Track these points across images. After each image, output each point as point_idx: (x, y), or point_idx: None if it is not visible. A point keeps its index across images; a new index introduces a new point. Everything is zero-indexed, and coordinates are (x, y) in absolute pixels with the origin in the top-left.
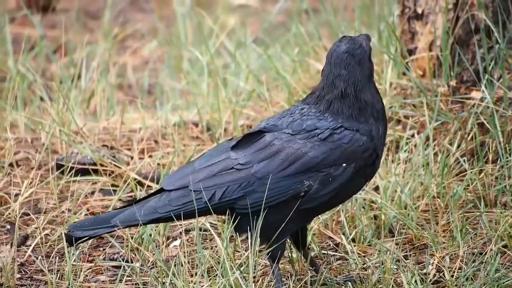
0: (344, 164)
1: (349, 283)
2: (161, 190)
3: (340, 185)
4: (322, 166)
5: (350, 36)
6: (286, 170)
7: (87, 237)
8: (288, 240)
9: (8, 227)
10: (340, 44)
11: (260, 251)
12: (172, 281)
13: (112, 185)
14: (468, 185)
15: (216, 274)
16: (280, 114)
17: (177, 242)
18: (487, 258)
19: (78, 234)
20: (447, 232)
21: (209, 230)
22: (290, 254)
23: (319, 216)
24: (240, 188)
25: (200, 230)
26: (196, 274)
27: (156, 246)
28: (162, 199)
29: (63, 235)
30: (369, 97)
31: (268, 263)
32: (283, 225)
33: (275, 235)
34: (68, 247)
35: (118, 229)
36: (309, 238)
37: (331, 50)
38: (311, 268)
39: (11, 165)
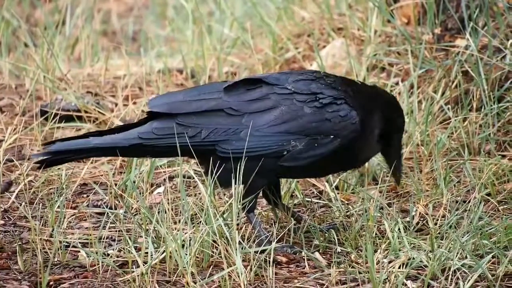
0: (332, 136)
1: (332, 230)
2: (140, 124)
3: (321, 153)
4: (312, 132)
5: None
6: (276, 127)
7: (63, 158)
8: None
9: None
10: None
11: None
12: (156, 228)
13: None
14: (452, 133)
15: (200, 221)
16: (287, 71)
17: (160, 189)
18: (470, 206)
19: (55, 148)
20: (430, 180)
21: (193, 177)
22: (272, 202)
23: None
24: (226, 133)
25: (184, 177)
26: (179, 221)
27: (140, 193)
28: (146, 126)
29: (36, 156)
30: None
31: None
32: (257, 178)
33: (248, 185)
34: (41, 169)
35: (95, 154)
36: (283, 191)
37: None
38: (293, 219)
39: None
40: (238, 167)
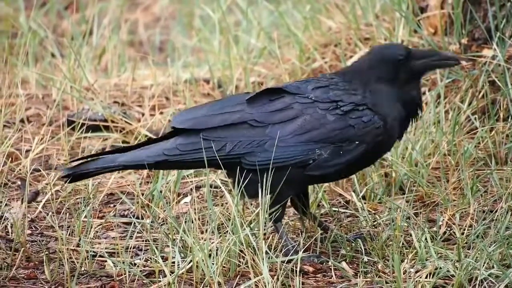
0: (357, 142)
1: (359, 240)
2: (164, 138)
3: (347, 160)
4: (336, 139)
5: (396, 44)
6: (300, 136)
7: (88, 172)
8: (289, 202)
9: (19, 183)
10: (386, 48)
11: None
12: (182, 238)
13: (123, 142)
14: (479, 143)
15: (226, 231)
16: (306, 79)
17: (187, 199)
18: (497, 216)
19: (81, 169)
20: (457, 190)
21: (220, 187)
22: (300, 211)
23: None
24: (251, 145)
25: (211, 186)
26: (206, 231)
27: (167, 203)
28: (170, 142)
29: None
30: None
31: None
32: (285, 187)
33: (276, 195)
34: (66, 182)
35: (121, 169)
36: (311, 200)
37: (377, 51)
38: (320, 229)
39: (22, 121)
40: (265, 178)
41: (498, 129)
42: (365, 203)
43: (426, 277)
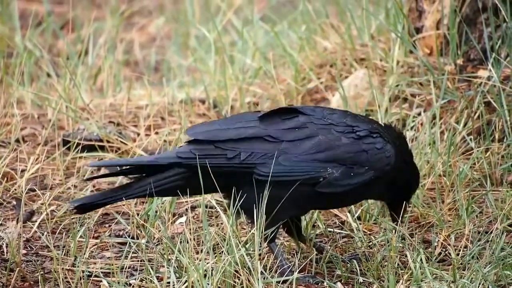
0: (366, 167)
1: (355, 261)
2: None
3: (357, 183)
4: (349, 161)
5: None
6: (315, 155)
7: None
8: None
9: (14, 203)
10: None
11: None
12: (178, 258)
13: None
14: (474, 164)
15: (222, 251)
16: (321, 106)
17: (183, 219)
18: (492, 236)
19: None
20: (452, 211)
21: (215, 207)
22: (292, 234)
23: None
24: (265, 156)
25: (206, 207)
26: (201, 251)
27: (162, 223)
28: (184, 146)
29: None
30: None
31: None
32: (285, 205)
33: (273, 215)
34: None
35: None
36: (306, 221)
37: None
38: (315, 249)
39: (17, 141)
40: (277, 193)
41: (493, 150)
42: (360, 223)
43: None
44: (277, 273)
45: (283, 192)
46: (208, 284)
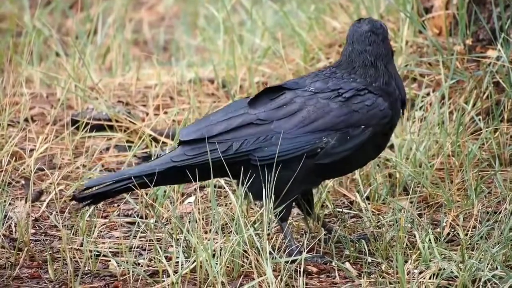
0: (362, 126)
1: (363, 241)
2: None
3: (355, 145)
4: (342, 125)
5: (368, 18)
6: (306, 127)
7: (98, 193)
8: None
9: (23, 182)
10: (361, 25)
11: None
12: (186, 238)
13: (127, 141)
14: (483, 144)
15: (230, 231)
16: (303, 76)
17: (191, 199)
18: (501, 217)
19: (91, 184)
20: (461, 191)
21: (224, 187)
22: (304, 211)
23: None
24: (258, 141)
25: (215, 187)
26: (210, 231)
27: (171, 203)
28: (177, 150)
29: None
30: (395, 71)
31: (277, 222)
32: (295, 182)
33: (284, 193)
34: (80, 206)
35: (131, 183)
36: (315, 200)
37: (352, 30)
38: (324, 229)
39: (26, 120)
40: (272, 175)
41: (502, 130)
42: (369, 203)
43: (429, 278)
44: (286, 253)
45: (285, 171)
46: (217, 264)
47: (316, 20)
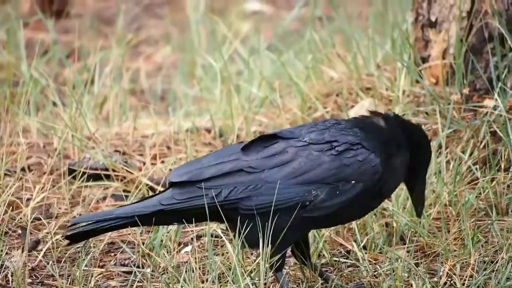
0: (353, 181)
1: None
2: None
3: (346, 200)
4: (332, 179)
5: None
6: (296, 179)
7: (88, 232)
8: (289, 252)
9: (20, 231)
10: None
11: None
12: (183, 287)
13: (124, 191)
14: (480, 193)
15: (227, 281)
16: (301, 125)
17: (188, 248)
18: (498, 266)
19: (78, 220)
20: (458, 240)
21: (221, 237)
22: (300, 261)
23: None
24: (247, 190)
25: (212, 236)
26: (207, 280)
27: (167, 252)
28: (166, 193)
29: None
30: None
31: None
32: (285, 233)
33: (277, 244)
34: (70, 244)
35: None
36: (311, 250)
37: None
38: (321, 279)
39: (23, 169)
40: (265, 223)
41: (499, 179)
42: (366, 253)
43: None
44: None
45: (277, 220)
46: None
47: (314, 69)
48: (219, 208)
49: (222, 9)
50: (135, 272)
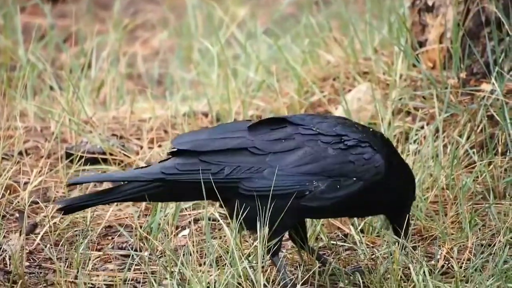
0: (354, 178)
1: (358, 273)
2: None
3: (344, 195)
4: (335, 173)
5: None
6: (300, 167)
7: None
8: (287, 235)
9: (17, 215)
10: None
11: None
12: (181, 270)
13: None
14: (477, 177)
15: (225, 264)
16: (312, 113)
17: (186, 232)
18: (495, 249)
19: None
20: (455, 224)
21: (218, 220)
22: (298, 244)
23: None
24: (250, 171)
25: (209, 219)
26: (204, 263)
27: (165, 235)
28: (168, 162)
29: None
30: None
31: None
32: (282, 218)
33: (273, 228)
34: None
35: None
36: (309, 233)
37: None
38: (318, 262)
39: (20, 153)
40: (264, 207)
41: (496, 163)
42: (363, 236)
43: None
44: (280, 286)
45: (275, 205)
46: None
47: (310, 54)
48: (220, 185)
49: None
50: (132, 255)
